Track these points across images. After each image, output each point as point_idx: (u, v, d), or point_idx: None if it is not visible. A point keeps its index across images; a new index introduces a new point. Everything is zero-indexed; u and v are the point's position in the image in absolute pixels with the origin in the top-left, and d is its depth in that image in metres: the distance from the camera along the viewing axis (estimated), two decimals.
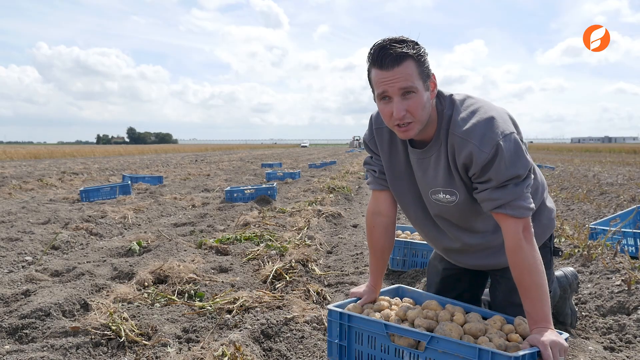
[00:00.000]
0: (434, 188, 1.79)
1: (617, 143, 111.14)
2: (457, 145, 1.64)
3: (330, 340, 1.88)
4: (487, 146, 1.57)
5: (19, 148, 47.34)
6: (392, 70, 1.55)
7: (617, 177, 11.04)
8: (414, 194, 1.92)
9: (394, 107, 1.59)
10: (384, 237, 2.00)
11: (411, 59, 1.56)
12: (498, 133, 1.58)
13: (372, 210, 2.02)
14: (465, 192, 1.74)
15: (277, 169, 13.90)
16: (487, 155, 1.57)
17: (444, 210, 1.84)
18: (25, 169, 15.45)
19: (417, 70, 1.57)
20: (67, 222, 5.12)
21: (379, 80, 1.59)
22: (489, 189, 1.62)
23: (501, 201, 1.60)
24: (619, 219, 4.21)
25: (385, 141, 1.88)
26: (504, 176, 1.58)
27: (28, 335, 2.17)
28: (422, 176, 1.82)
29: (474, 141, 1.59)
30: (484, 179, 1.63)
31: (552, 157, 26.88)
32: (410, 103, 1.58)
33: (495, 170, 1.58)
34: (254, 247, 3.90)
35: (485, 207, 1.66)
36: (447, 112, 1.69)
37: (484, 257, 1.94)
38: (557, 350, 1.51)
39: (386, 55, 1.55)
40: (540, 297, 1.60)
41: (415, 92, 1.58)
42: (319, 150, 46.60)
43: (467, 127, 1.61)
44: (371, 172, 1.99)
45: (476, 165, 1.61)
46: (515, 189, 1.60)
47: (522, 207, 1.60)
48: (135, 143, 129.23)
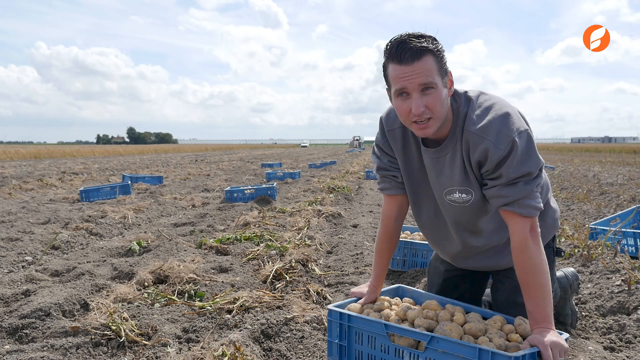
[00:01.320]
0: (449, 188, 1.76)
1: (617, 143, 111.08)
2: (472, 141, 1.62)
3: (330, 340, 1.88)
4: (502, 143, 1.56)
5: (19, 148, 47.34)
6: (411, 65, 1.51)
7: (617, 177, 11.04)
8: (428, 195, 1.89)
9: (413, 103, 1.55)
10: (393, 240, 1.99)
11: (431, 54, 1.52)
12: (514, 130, 1.56)
13: (388, 214, 1.96)
14: (481, 192, 1.72)
15: (277, 169, 13.90)
16: (503, 152, 1.56)
17: (458, 211, 1.81)
18: (25, 169, 15.45)
19: (437, 66, 1.54)
20: (67, 222, 5.12)
21: (398, 75, 1.54)
22: (499, 185, 1.61)
23: (510, 198, 1.59)
24: (619, 219, 4.21)
25: (398, 142, 1.84)
26: (515, 173, 1.57)
27: (28, 335, 2.17)
28: (436, 176, 1.78)
29: (490, 138, 1.57)
30: (495, 175, 1.61)
31: (552, 157, 26.87)
32: (429, 99, 1.54)
33: (507, 166, 1.57)
34: (254, 247, 3.90)
35: (494, 204, 1.65)
36: (462, 109, 1.66)
37: (487, 258, 1.94)
38: (558, 350, 1.50)
39: (406, 49, 1.50)
40: (543, 297, 1.60)
41: (434, 88, 1.54)
42: (319, 150, 46.59)
43: (483, 123, 1.59)
44: (391, 178, 1.91)
45: (491, 161, 1.59)
46: (525, 187, 1.58)
47: (530, 206, 1.59)
48: (135, 143, 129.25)
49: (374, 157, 1.97)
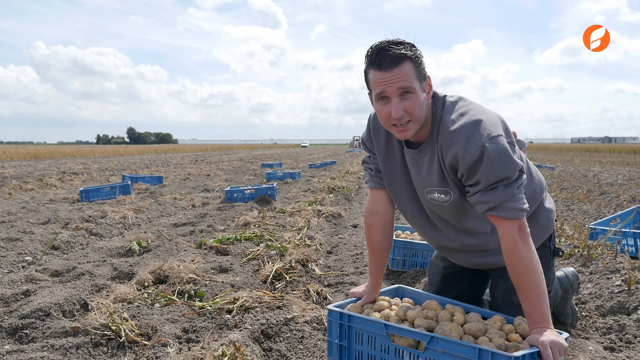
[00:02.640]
0: (428, 188, 1.81)
1: (617, 143, 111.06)
2: (444, 145, 1.67)
3: (330, 340, 1.88)
4: (472, 147, 1.58)
5: (19, 148, 47.35)
6: (390, 71, 1.58)
7: (617, 177, 11.04)
8: (410, 193, 1.93)
9: (392, 107, 1.61)
10: (382, 235, 2.00)
11: (409, 60, 1.59)
12: (484, 135, 1.59)
13: (369, 209, 2.03)
14: (459, 192, 1.75)
15: (277, 169, 13.90)
16: (472, 156, 1.58)
17: (440, 210, 1.85)
18: (25, 169, 15.45)
19: (415, 71, 1.61)
20: (67, 222, 5.12)
21: (378, 80, 1.61)
22: (480, 191, 1.63)
23: (492, 203, 1.61)
24: (619, 219, 4.21)
25: (381, 141, 1.91)
26: (492, 178, 1.59)
27: (28, 335, 2.17)
28: (417, 176, 1.84)
29: (459, 142, 1.61)
30: (473, 181, 1.64)
31: (552, 157, 26.88)
32: (408, 103, 1.61)
33: (482, 172, 1.59)
34: (254, 247, 3.90)
35: (479, 210, 1.67)
36: (439, 113, 1.72)
37: (482, 256, 1.95)
38: (557, 350, 1.51)
39: (385, 56, 1.58)
40: (539, 297, 1.60)
41: (413, 93, 1.61)
42: (319, 150, 46.60)
43: (454, 127, 1.64)
44: (368, 171, 2.01)
45: (462, 166, 1.62)
46: (505, 191, 1.59)
47: (514, 209, 1.60)
48: (135, 143, 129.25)
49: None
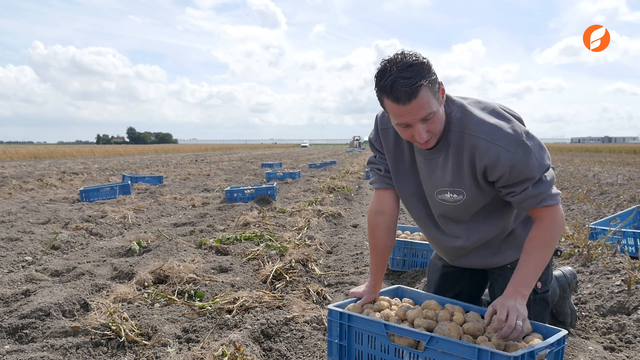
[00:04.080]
0: (440, 188, 1.81)
1: (617, 143, 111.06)
2: (481, 147, 1.64)
3: (330, 340, 1.88)
4: (513, 146, 1.61)
5: (19, 148, 47.34)
6: (409, 104, 1.52)
7: (617, 177, 11.04)
8: (419, 194, 1.93)
9: (417, 133, 1.60)
10: (386, 236, 2.00)
11: (425, 88, 1.53)
12: (520, 132, 1.63)
13: (375, 209, 2.01)
14: (473, 192, 1.76)
15: (277, 169, 13.90)
16: (514, 154, 1.60)
17: (448, 210, 1.85)
18: (25, 169, 15.45)
19: (431, 93, 1.55)
20: (67, 222, 5.12)
21: (397, 112, 1.57)
22: (529, 187, 1.65)
23: (543, 195, 1.65)
24: (619, 219, 4.21)
25: (390, 141, 1.90)
26: (538, 171, 1.64)
27: (28, 335, 2.17)
28: (428, 176, 1.83)
29: (500, 143, 1.61)
30: (519, 179, 1.64)
31: (552, 157, 26.79)
32: (430, 125, 1.60)
33: (530, 168, 1.63)
34: (254, 247, 3.90)
35: (528, 206, 1.69)
36: (455, 114, 1.71)
37: (483, 256, 1.96)
38: (515, 315, 1.55)
39: (401, 91, 1.50)
40: (535, 268, 1.66)
41: (433, 114, 1.59)
42: (319, 150, 46.60)
43: (489, 129, 1.64)
44: (376, 171, 1.99)
45: (502, 166, 1.62)
46: (548, 180, 1.67)
47: (557, 194, 1.69)
48: (135, 143, 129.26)
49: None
